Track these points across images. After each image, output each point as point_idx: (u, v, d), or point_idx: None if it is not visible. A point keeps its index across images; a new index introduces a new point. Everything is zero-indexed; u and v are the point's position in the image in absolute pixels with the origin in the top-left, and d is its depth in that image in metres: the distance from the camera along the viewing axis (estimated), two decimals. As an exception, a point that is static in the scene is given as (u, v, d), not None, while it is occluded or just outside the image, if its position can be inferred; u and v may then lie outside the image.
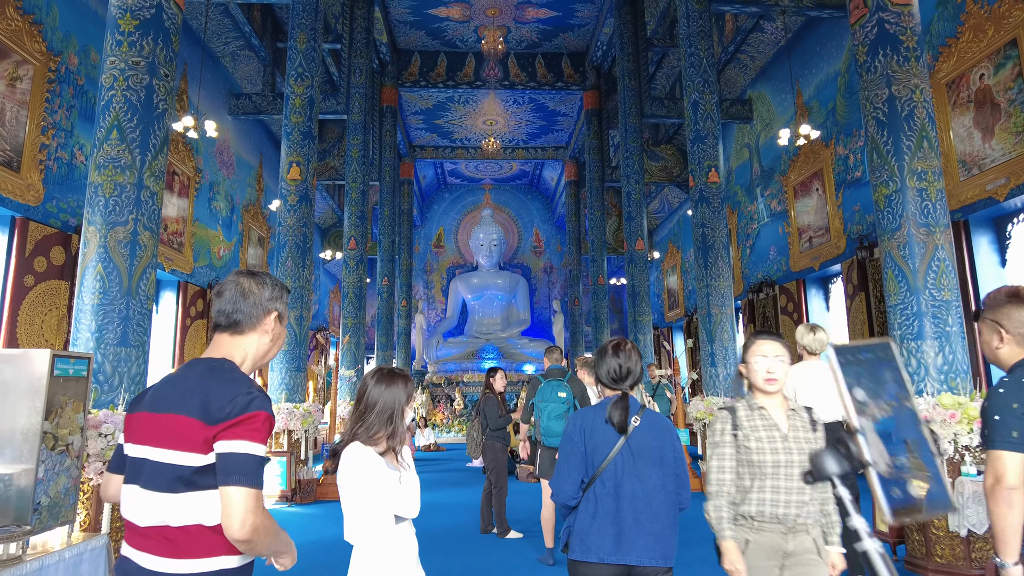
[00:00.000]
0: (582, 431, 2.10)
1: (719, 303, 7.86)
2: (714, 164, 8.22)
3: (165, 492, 1.31)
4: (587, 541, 2.01)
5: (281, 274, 7.60)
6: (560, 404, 4.38)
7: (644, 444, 2.07)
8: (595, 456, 2.06)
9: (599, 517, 2.02)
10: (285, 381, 7.38)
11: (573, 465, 2.07)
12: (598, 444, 2.07)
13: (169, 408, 1.36)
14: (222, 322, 1.45)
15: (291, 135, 7.97)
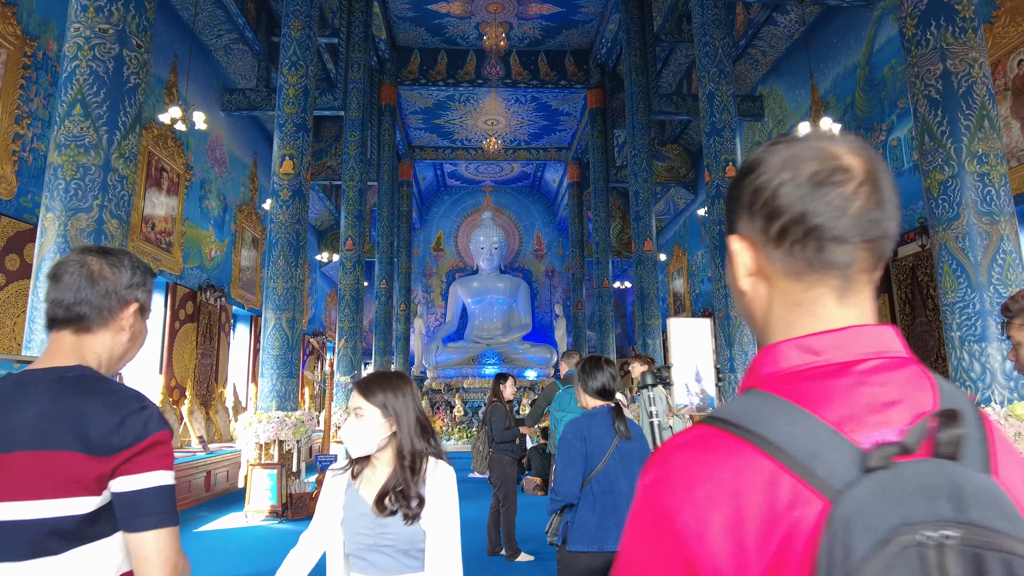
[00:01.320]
0: (582, 438, 2.38)
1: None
2: (731, 158, 7.79)
3: (29, 559, 0.93)
4: (589, 534, 2.27)
5: (272, 274, 7.14)
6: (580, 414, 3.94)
7: (630, 447, 2.38)
8: (592, 459, 2.34)
9: (599, 512, 2.29)
10: (276, 388, 6.91)
11: (576, 468, 2.33)
12: (595, 449, 2.35)
13: (19, 444, 0.95)
14: (60, 316, 1.08)
15: (284, 127, 7.53)
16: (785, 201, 0.53)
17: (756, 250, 0.58)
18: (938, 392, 0.50)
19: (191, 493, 7.34)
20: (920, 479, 0.43)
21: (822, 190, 0.52)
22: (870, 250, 0.54)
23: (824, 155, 0.53)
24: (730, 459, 0.48)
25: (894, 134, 8.41)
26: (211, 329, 11.02)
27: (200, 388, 10.56)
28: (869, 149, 0.55)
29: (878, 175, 0.53)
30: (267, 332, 7.04)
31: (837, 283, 0.54)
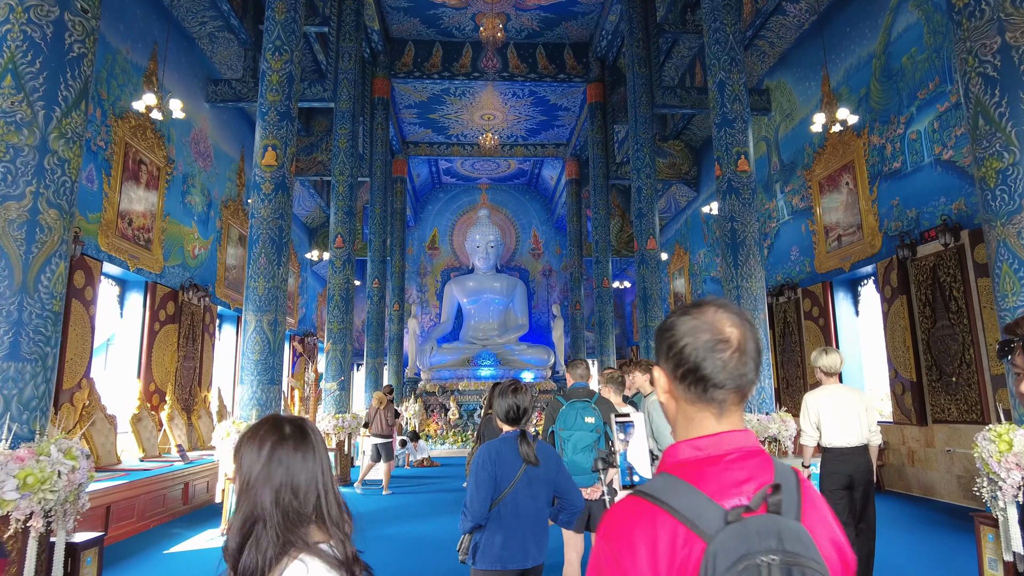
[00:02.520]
0: (493, 461, 2.47)
1: (751, 307, 6.97)
2: (743, 151, 7.33)
3: None
4: (496, 553, 2.41)
5: (253, 273, 6.65)
6: (588, 433, 3.47)
7: (537, 471, 2.50)
8: (502, 483, 2.45)
9: (504, 533, 2.42)
10: (256, 395, 6.43)
11: (486, 490, 2.42)
12: (505, 472, 2.45)
13: None
14: None
15: (267, 116, 7.04)
16: (687, 357, 0.89)
17: (668, 379, 0.93)
18: (774, 471, 0.87)
19: (166, 507, 6.84)
20: (758, 527, 0.78)
21: (711, 354, 0.87)
22: (738, 392, 0.90)
23: (714, 328, 0.88)
24: (650, 517, 0.82)
25: (913, 127, 7.97)
26: (194, 330, 10.51)
27: (182, 393, 10.05)
28: (745, 322, 0.90)
29: (747, 343, 0.89)
30: (247, 335, 6.56)
31: (716, 409, 0.90)
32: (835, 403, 3.89)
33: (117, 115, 8.32)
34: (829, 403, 3.91)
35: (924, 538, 5.80)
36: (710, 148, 14.75)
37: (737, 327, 0.89)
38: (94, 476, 3.07)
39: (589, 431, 3.46)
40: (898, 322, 8.14)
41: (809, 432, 4.00)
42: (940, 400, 7.43)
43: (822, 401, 3.93)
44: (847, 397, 3.92)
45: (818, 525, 0.85)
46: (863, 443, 3.87)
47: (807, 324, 10.45)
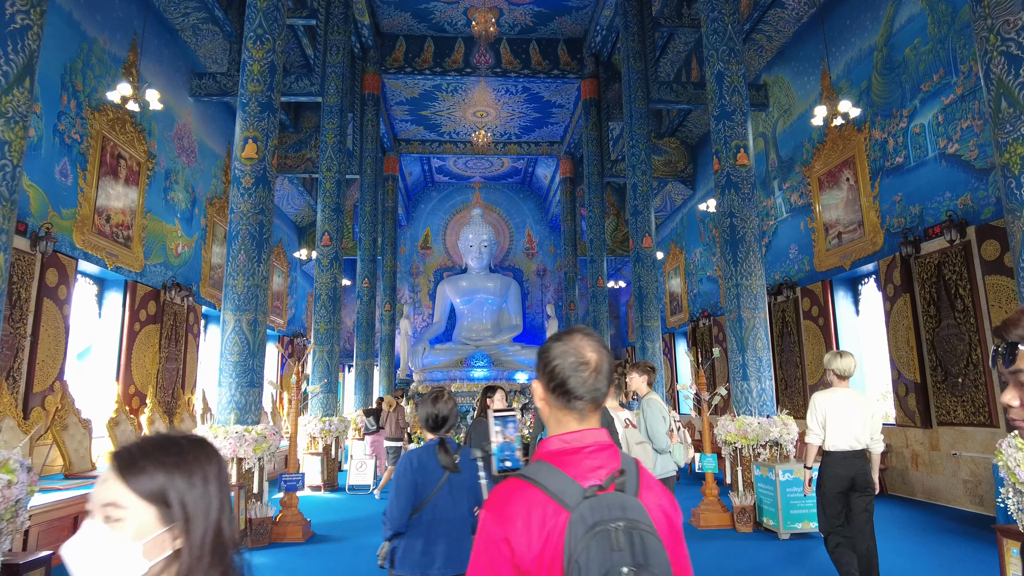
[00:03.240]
0: (414, 469, 2.48)
1: (751, 305, 6.72)
2: (743, 144, 7.09)
3: None
4: (416, 560, 2.44)
5: (232, 270, 6.36)
6: None
7: (460, 478, 2.51)
8: (423, 491, 2.46)
9: (424, 539, 2.45)
10: (235, 399, 6.13)
11: (406, 498, 2.43)
12: (427, 481, 2.47)
13: None
14: None
15: (247, 106, 6.75)
16: (556, 374, 1.12)
17: (544, 390, 1.15)
18: (621, 460, 1.11)
19: (141, 516, 6.53)
20: (608, 501, 1.01)
21: (574, 373, 1.11)
22: (594, 402, 1.13)
23: (578, 353, 1.12)
24: (526, 493, 1.05)
25: (916, 120, 7.74)
26: (177, 331, 10.20)
27: (164, 395, 9.74)
28: (602, 348, 1.14)
29: (603, 364, 1.13)
30: (225, 335, 6.27)
31: (577, 415, 1.13)
32: (843, 406, 3.88)
33: (94, 107, 8.01)
34: (837, 406, 3.89)
35: (933, 546, 5.55)
36: (706, 145, 14.54)
37: (596, 352, 1.13)
38: (34, 491, 2.77)
39: None
40: (901, 321, 7.91)
41: (815, 431, 3.95)
42: (945, 402, 7.20)
43: (832, 402, 3.91)
44: (855, 402, 3.92)
45: (651, 499, 1.09)
46: (864, 448, 3.87)
47: (806, 324, 10.22)
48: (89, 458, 7.12)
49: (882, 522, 6.42)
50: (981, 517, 6.49)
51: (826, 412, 3.90)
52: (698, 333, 14.50)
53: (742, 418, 6.42)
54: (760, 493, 6.15)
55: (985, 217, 6.67)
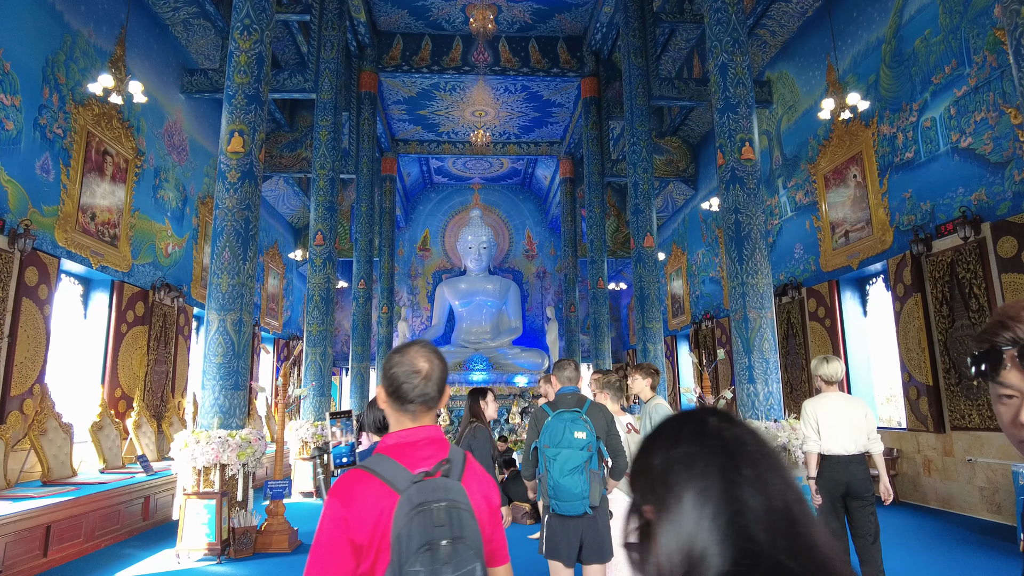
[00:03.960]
0: None
1: (757, 305, 6.45)
2: (748, 138, 6.84)
3: None
4: None
5: (217, 268, 6.11)
6: (578, 451, 2.91)
7: None
8: None
9: None
10: (218, 402, 5.88)
11: None
12: None
13: None
14: None
15: (234, 99, 6.51)
16: (393, 381, 1.32)
17: (385, 394, 1.34)
18: (448, 450, 1.30)
19: (121, 524, 6.27)
20: (433, 485, 1.19)
21: (408, 380, 1.31)
22: (424, 405, 1.33)
23: (412, 363, 1.32)
24: (364, 481, 1.21)
25: (927, 114, 7.49)
26: (166, 332, 9.94)
27: (152, 398, 9.48)
28: (434, 358, 1.35)
29: (433, 373, 1.33)
30: (209, 336, 6.01)
31: (410, 415, 1.33)
32: (834, 411, 3.86)
33: (78, 102, 7.77)
34: (828, 410, 3.87)
35: (949, 556, 5.28)
36: (709, 144, 14.30)
37: (428, 362, 1.34)
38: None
39: (579, 448, 2.91)
40: (912, 322, 7.64)
41: (812, 437, 3.90)
42: (960, 406, 6.93)
43: (821, 408, 3.90)
44: (846, 405, 3.90)
45: (473, 485, 1.30)
46: (861, 452, 3.81)
47: (812, 325, 9.95)
48: (69, 464, 6.86)
49: (894, 531, 6.15)
50: (999, 526, 6.21)
51: (817, 417, 3.87)
52: (700, 335, 14.23)
53: (749, 423, 6.14)
54: (768, 501, 5.88)
55: (1001, 213, 6.41)
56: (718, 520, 0.61)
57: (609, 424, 3.15)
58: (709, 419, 0.69)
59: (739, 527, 0.60)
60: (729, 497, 0.62)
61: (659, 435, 0.71)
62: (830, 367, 3.95)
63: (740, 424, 0.70)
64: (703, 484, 0.63)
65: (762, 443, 0.68)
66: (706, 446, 0.66)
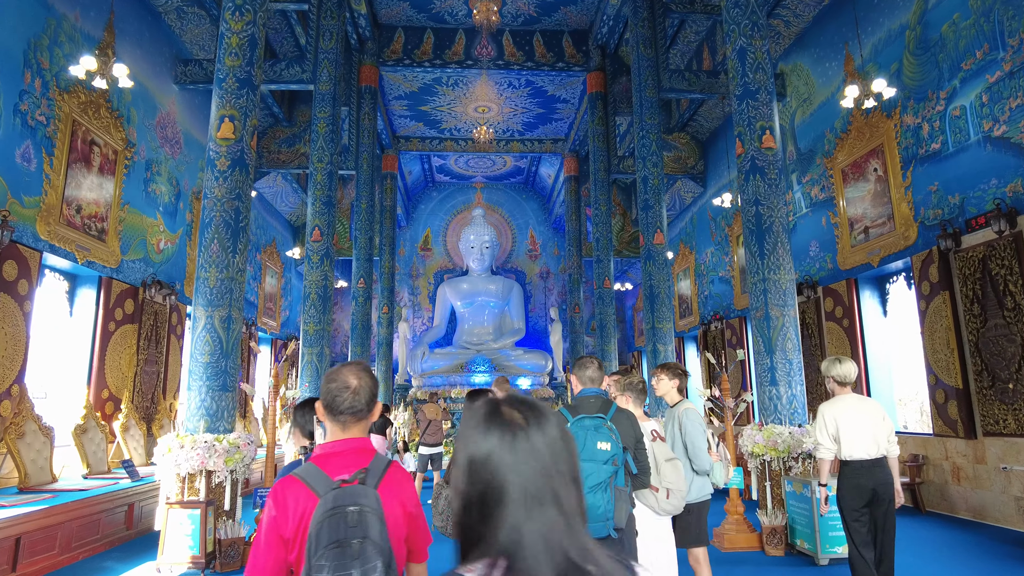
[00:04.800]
0: None
1: (780, 302, 6.07)
2: (768, 125, 6.47)
3: None
4: None
5: (205, 262, 5.74)
6: (601, 465, 2.50)
7: None
8: None
9: None
10: (205, 404, 5.50)
11: None
12: None
13: None
14: None
15: (224, 82, 6.14)
16: (327, 395, 1.53)
17: (322, 406, 1.55)
18: (372, 459, 1.51)
19: (102, 534, 5.88)
20: (350, 491, 1.36)
21: (339, 393, 1.53)
22: (354, 416, 1.54)
23: (343, 380, 1.54)
24: (292, 487, 1.44)
25: (956, 102, 7.10)
26: (158, 332, 9.57)
27: (142, 400, 9.11)
28: (364, 374, 1.56)
29: (362, 388, 1.54)
30: (196, 334, 5.64)
31: (340, 425, 1.54)
32: (853, 414, 3.68)
33: (63, 88, 7.41)
34: (846, 414, 3.68)
35: (983, 571, 4.88)
36: (718, 140, 13.93)
37: (357, 379, 1.56)
38: None
39: (602, 462, 2.51)
40: (939, 321, 7.24)
41: (826, 444, 3.72)
42: (993, 410, 6.53)
43: (839, 411, 3.70)
44: (863, 407, 3.72)
45: (392, 491, 1.49)
46: (882, 455, 3.64)
47: (829, 326, 9.56)
48: (49, 469, 6.48)
49: (922, 543, 5.75)
50: (1039, 539, 5.81)
51: (837, 422, 3.69)
52: (709, 337, 13.83)
53: (771, 427, 5.76)
54: (792, 512, 5.49)
55: (1040, 204, 6.03)
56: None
57: (637, 434, 2.76)
58: (502, 406, 0.85)
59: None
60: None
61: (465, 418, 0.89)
62: (843, 368, 3.77)
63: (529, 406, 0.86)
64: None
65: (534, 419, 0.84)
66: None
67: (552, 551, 0.75)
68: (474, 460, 0.81)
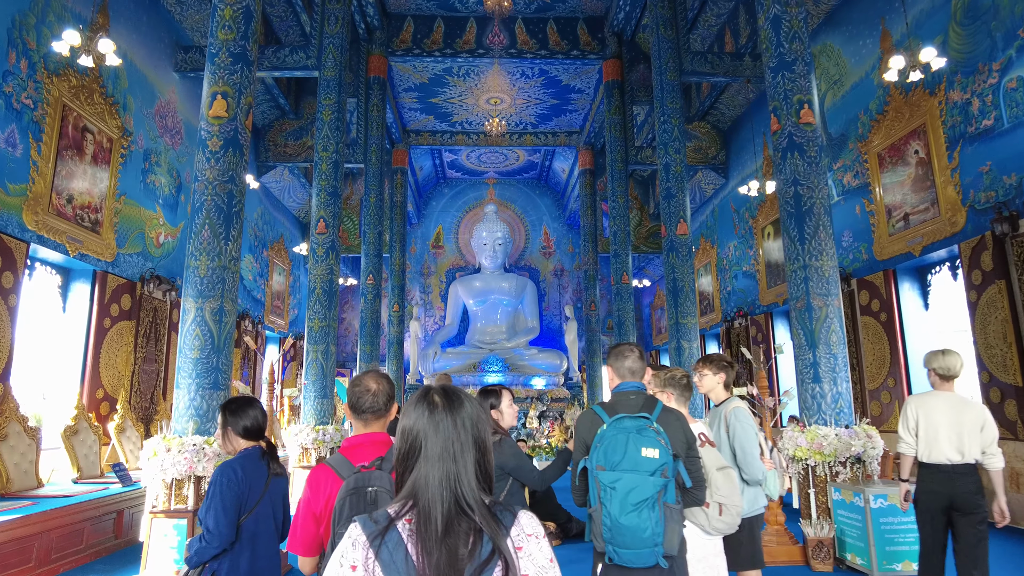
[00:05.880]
0: (239, 481, 2.38)
1: (823, 291, 5.52)
2: (807, 99, 5.92)
3: None
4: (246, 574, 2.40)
5: (195, 249, 5.29)
6: (647, 477, 1.99)
7: (278, 485, 2.53)
8: (248, 502, 2.39)
9: (251, 553, 2.38)
10: (195, 403, 5.06)
11: (234, 511, 2.34)
12: (253, 491, 2.41)
13: None
14: None
15: (217, 57, 5.70)
16: (353, 397, 1.91)
17: (347, 407, 1.93)
18: (388, 449, 1.81)
19: (86, 544, 5.45)
20: (368, 475, 1.65)
21: (362, 396, 1.90)
22: (375, 414, 1.90)
23: (365, 384, 1.91)
24: (323, 472, 1.80)
25: (1012, 73, 6.51)
26: (157, 329, 9.17)
27: (141, 400, 8.71)
28: (381, 379, 1.94)
29: (380, 391, 1.91)
30: (184, 327, 5.19)
31: (363, 423, 1.90)
32: (940, 414, 3.34)
33: (51, 71, 7.01)
34: (934, 412, 3.36)
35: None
36: (741, 129, 13.35)
37: (376, 383, 1.92)
38: None
39: (649, 472, 1.99)
40: (994, 313, 6.65)
41: (905, 439, 3.45)
42: (1058, 409, 5.93)
43: (926, 408, 3.39)
44: (957, 409, 3.34)
45: None
46: (970, 463, 3.30)
47: (864, 320, 8.97)
48: (35, 474, 6.07)
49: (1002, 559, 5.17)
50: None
51: (919, 418, 3.39)
52: (732, 334, 13.25)
53: (815, 429, 5.21)
54: (841, 522, 4.94)
55: (1113, 181, 5.43)
56: None
57: (689, 438, 2.25)
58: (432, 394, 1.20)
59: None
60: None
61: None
62: (947, 360, 3.40)
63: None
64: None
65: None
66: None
67: (443, 494, 1.08)
68: (405, 427, 1.17)
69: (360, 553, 1.05)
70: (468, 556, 1.04)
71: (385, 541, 1.05)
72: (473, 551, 1.05)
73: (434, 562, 1.02)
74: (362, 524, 1.08)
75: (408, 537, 1.06)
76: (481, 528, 1.06)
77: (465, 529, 1.06)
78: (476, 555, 1.05)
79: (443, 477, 1.08)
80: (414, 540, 1.05)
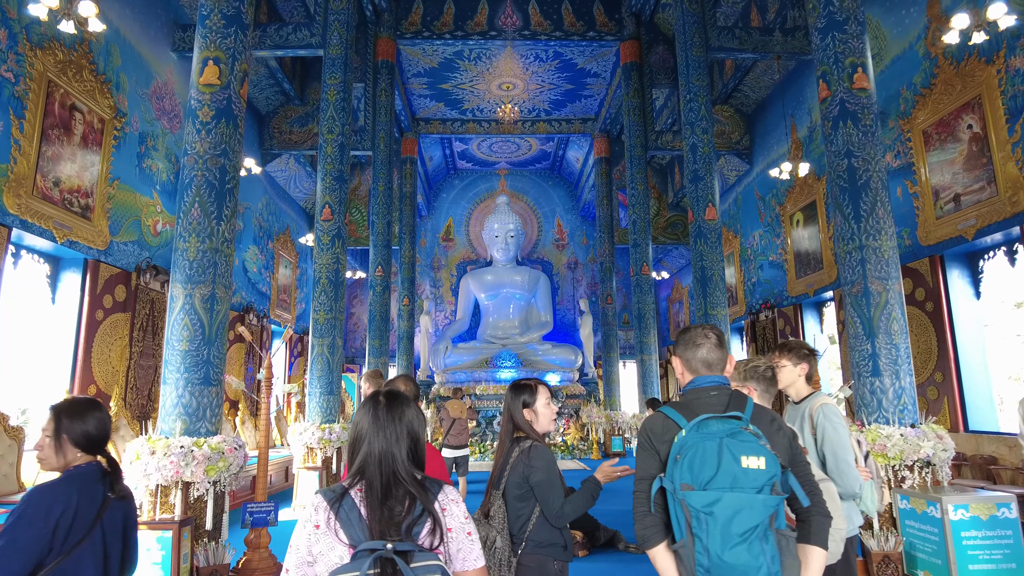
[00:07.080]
0: (58, 513, 1.77)
1: (882, 274, 4.94)
2: (860, 62, 5.32)
3: None
4: None
5: (183, 229, 4.78)
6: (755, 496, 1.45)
7: (119, 509, 1.99)
8: (68, 540, 1.77)
9: None
10: (183, 400, 4.55)
11: (33, 554, 1.70)
12: (76, 525, 1.80)
13: None
14: None
15: (208, 19, 5.18)
16: None
17: None
18: None
19: (68, 556, 4.95)
20: None
21: None
22: None
23: (396, 387, 2.27)
24: None
25: (1086, 34, 5.87)
26: (155, 321, 8.70)
27: (137, 397, 8.24)
28: (409, 383, 2.70)
29: (408, 391, 2.52)
30: (172, 316, 4.69)
31: None
32: None
33: (35, 44, 6.52)
34: None
35: None
36: (766, 112, 12.70)
37: (405, 385, 2.62)
38: None
39: (755, 489, 1.46)
40: (1063, 301, 6.02)
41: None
42: None
43: None
44: None
45: (434, 466, 2.42)
46: None
47: (909, 311, 8.33)
48: (16, 477, 5.60)
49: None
50: None
51: None
52: (758, 328, 12.63)
53: (877, 428, 4.62)
54: (911, 535, 4.36)
55: None
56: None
57: (792, 441, 1.69)
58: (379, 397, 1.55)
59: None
60: None
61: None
62: None
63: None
64: None
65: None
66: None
67: (383, 468, 1.42)
68: (356, 421, 1.51)
69: (322, 515, 1.37)
70: (404, 513, 1.38)
71: (342, 505, 1.38)
72: (409, 510, 1.38)
73: (378, 518, 1.36)
74: (323, 494, 1.41)
75: (360, 501, 1.39)
76: (415, 494, 1.39)
77: (401, 495, 1.40)
78: (411, 513, 1.38)
79: (382, 456, 1.42)
80: (365, 503, 1.38)
